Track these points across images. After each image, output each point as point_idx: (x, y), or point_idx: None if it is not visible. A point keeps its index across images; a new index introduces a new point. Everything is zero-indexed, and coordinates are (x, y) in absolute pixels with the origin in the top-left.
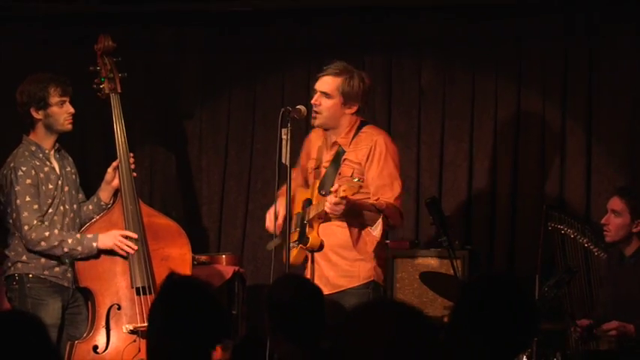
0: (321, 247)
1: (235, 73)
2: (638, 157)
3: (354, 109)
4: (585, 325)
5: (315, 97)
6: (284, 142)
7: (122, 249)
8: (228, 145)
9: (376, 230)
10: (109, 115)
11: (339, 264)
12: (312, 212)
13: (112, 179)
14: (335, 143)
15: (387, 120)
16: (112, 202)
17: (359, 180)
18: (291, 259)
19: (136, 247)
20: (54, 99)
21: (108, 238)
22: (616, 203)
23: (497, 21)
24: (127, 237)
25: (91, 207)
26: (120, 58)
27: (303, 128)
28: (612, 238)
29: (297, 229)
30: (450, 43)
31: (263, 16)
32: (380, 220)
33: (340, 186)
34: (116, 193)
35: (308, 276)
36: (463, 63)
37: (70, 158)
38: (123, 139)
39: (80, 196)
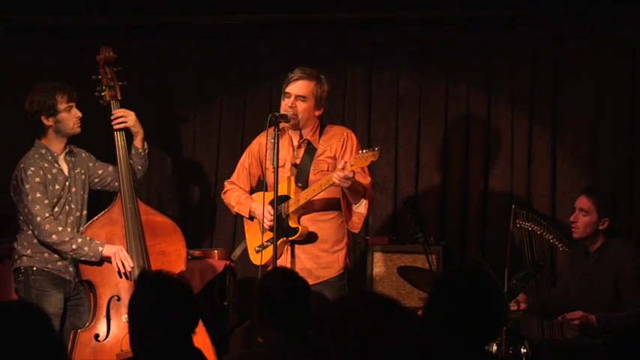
0: (310, 237)
1: (227, 81)
2: (600, 161)
3: (321, 111)
4: (523, 299)
5: (291, 100)
6: (271, 145)
7: (118, 263)
8: (220, 148)
9: (361, 207)
10: (109, 120)
11: (321, 256)
12: (302, 200)
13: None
14: (304, 141)
15: (367, 125)
16: (145, 148)
17: (367, 151)
18: (268, 257)
19: (130, 269)
20: (62, 105)
21: (112, 249)
22: (583, 202)
23: (470, 34)
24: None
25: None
26: (120, 68)
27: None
28: (580, 234)
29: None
30: (426, 54)
31: (253, 29)
32: (365, 199)
33: (347, 162)
34: (116, 192)
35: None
36: (438, 72)
37: (83, 155)
38: (122, 143)
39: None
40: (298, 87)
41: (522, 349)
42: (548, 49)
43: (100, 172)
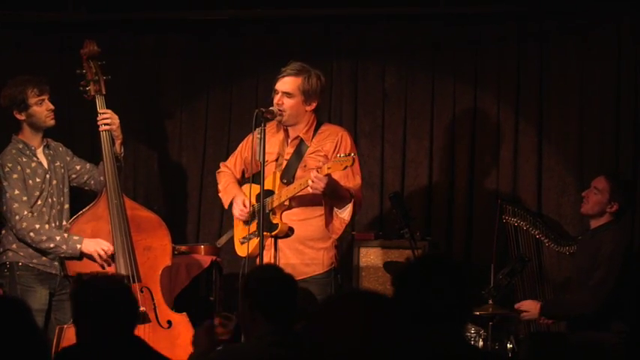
0: (288, 234)
1: (213, 76)
2: (586, 156)
3: (314, 105)
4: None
5: (278, 97)
6: (257, 141)
7: (99, 258)
8: (206, 143)
9: (344, 213)
10: (94, 114)
11: (305, 252)
12: (282, 197)
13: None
14: (297, 137)
15: (353, 120)
16: (122, 152)
17: (343, 156)
18: (250, 249)
19: (111, 252)
20: (32, 99)
21: (92, 245)
22: (600, 181)
23: (455, 28)
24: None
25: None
26: (104, 62)
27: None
28: (587, 210)
29: (254, 220)
30: (411, 49)
31: (238, 24)
32: (350, 205)
33: (325, 164)
34: (98, 185)
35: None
36: (423, 67)
37: (60, 149)
38: (106, 137)
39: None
40: (284, 84)
41: (508, 345)
42: (534, 45)
43: (77, 167)
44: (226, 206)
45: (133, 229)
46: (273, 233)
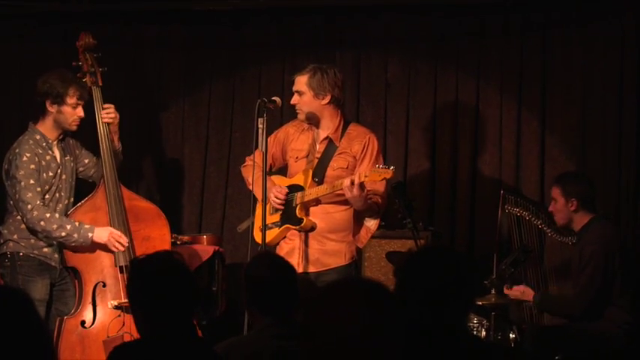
0: (312, 229)
1: (215, 67)
2: (588, 146)
3: (327, 98)
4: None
5: (293, 97)
6: (260, 131)
7: (114, 245)
8: (209, 133)
9: (371, 222)
10: (90, 106)
11: (328, 244)
12: (312, 195)
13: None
14: (326, 138)
15: (356, 110)
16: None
17: (383, 167)
18: (269, 239)
19: (125, 247)
20: (71, 99)
21: (103, 233)
22: (552, 191)
23: (458, 19)
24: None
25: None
26: (100, 54)
27: (277, 118)
28: (559, 221)
29: (279, 211)
30: (414, 39)
31: (241, 15)
32: (378, 218)
33: (361, 173)
34: (100, 179)
35: (297, 255)
36: (426, 58)
37: (70, 142)
38: (104, 129)
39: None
40: (295, 84)
41: (511, 335)
42: (536, 35)
43: (86, 160)
44: (260, 198)
45: (131, 220)
46: (297, 227)
